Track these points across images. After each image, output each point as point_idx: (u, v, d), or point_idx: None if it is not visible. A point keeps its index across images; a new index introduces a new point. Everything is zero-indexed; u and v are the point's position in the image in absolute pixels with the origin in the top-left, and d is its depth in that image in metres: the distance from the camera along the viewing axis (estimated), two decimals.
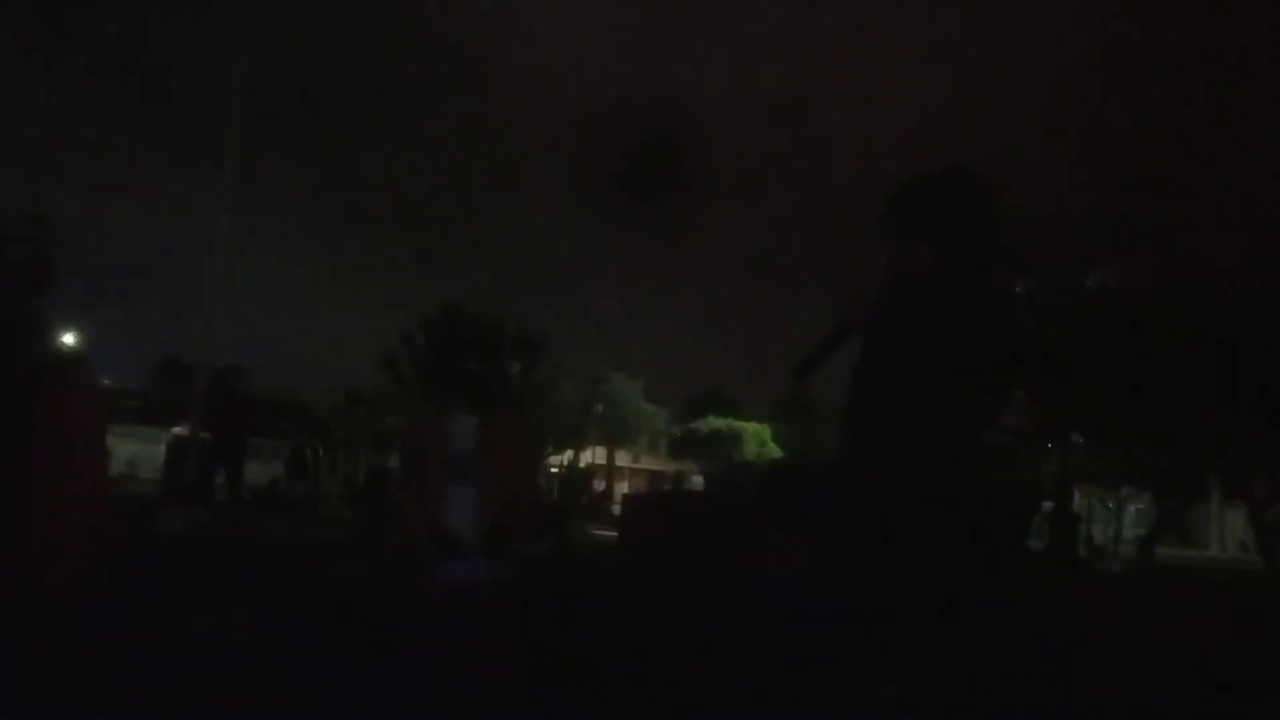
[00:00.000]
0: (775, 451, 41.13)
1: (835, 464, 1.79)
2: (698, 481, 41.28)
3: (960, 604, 1.65)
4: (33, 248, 2.20)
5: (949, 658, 1.65)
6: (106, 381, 43.12)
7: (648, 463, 45.48)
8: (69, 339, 38.96)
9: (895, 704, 1.65)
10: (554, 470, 31.69)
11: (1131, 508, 31.93)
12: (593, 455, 38.63)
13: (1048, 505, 27.76)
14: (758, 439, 41.53)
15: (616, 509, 22.81)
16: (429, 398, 27.97)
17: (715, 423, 41.51)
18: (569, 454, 33.98)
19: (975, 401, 1.66)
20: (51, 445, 1.93)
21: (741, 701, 4.93)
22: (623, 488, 35.37)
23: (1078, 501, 28.12)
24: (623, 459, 42.24)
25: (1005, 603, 1.73)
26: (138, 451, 37.38)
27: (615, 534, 18.26)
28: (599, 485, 33.51)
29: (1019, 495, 1.70)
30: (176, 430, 27.56)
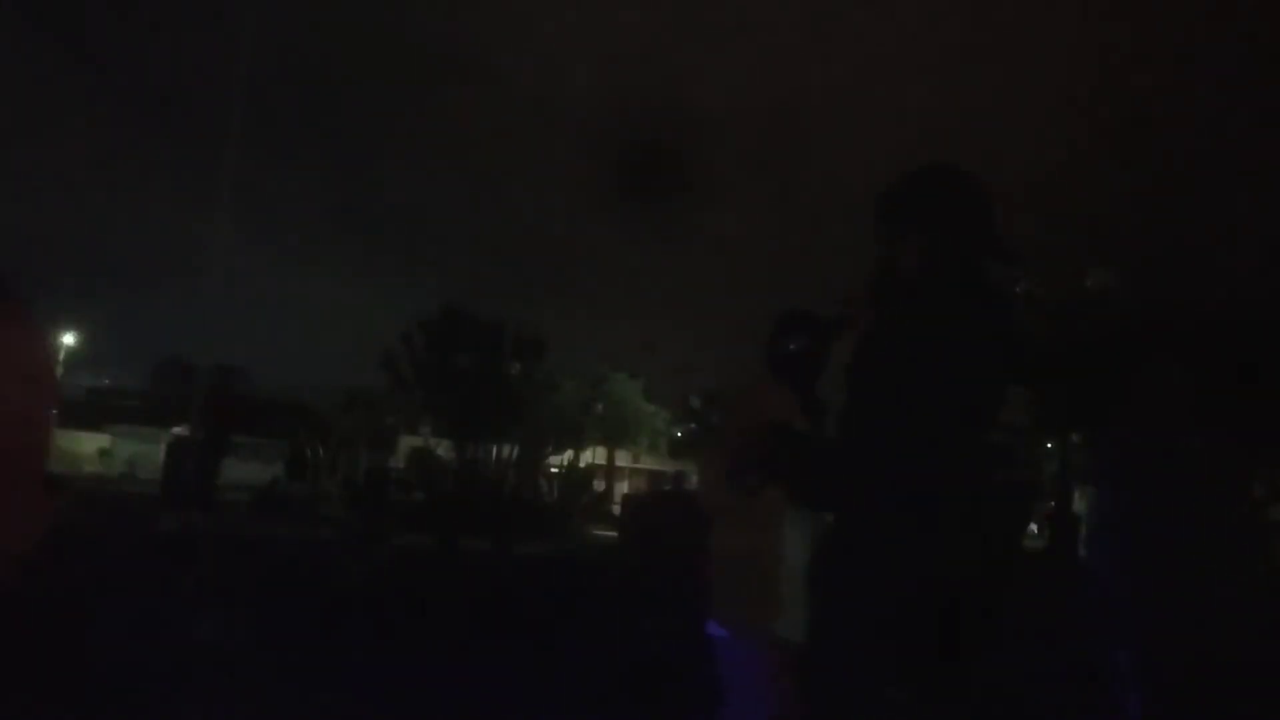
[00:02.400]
0: None
1: (834, 453, 1.75)
2: (698, 482, 41.20)
3: (959, 605, 1.62)
4: None
5: (951, 660, 1.63)
6: (106, 381, 43.12)
7: (648, 463, 45.45)
8: (69, 339, 38.66)
9: (902, 708, 1.62)
10: (554, 470, 31.68)
11: None
12: (593, 455, 38.60)
13: (1049, 505, 27.84)
14: None
15: (616, 509, 22.76)
16: (429, 398, 27.95)
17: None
18: (569, 454, 33.97)
19: (973, 400, 1.62)
20: None
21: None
22: (623, 488, 35.36)
23: (1078, 502, 28.12)
24: (623, 459, 42.19)
25: (1001, 603, 1.70)
26: (138, 451, 37.41)
27: (615, 534, 18.28)
28: (599, 485, 33.51)
29: (1017, 494, 1.68)
30: (176, 430, 27.57)
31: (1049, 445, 24.03)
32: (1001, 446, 1.64)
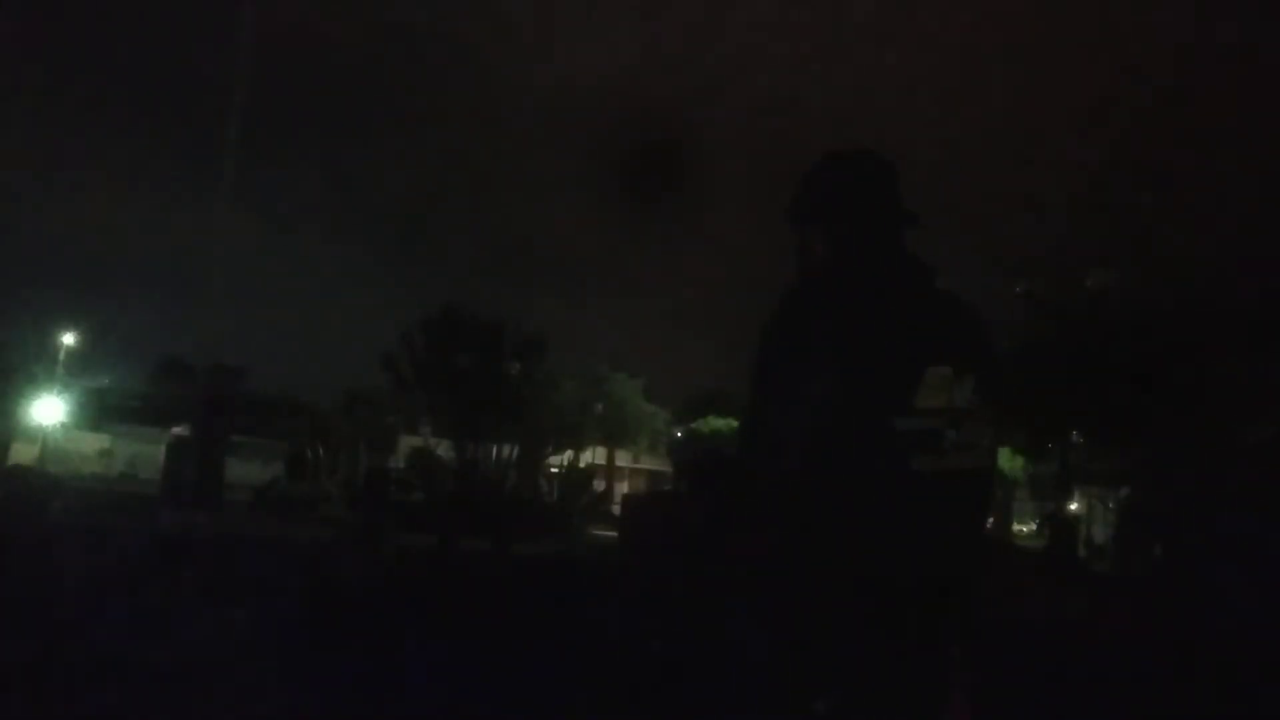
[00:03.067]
0: None
1: (748, 460, 1.73)
2: None
3: (884, 604, 1.57)
4: None
5: (881, 669, 1.58)
6: (106, 381, 43.07)
7: (648, 463, 45.42)
8: (69, 339, 38.55)
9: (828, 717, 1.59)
10: (554, 470, 31.68)
11: None
12: (593, 455, 38.60)
13: (1048, 506, 27.80)
14: None
15: (616, 509, 22.76)
16: (429, 398, 27.94)
17: (715, 423, 41.46)
18: (569, 454, 33.97)
19: (875, 388, 1.58)
20: None
21: (739, 700, 4.93)
22: (623, 488, 35.34)
23: (1078, 501, 28.11)
24: (623, 459, 42.19)
25: (945, 603, 1.63)
26: (137, 451, 37.42)
27: (615, 534, 18.28)
28: (599, 485, 33.51)
29: (949, 483, 1.60)
30: (176, 430, 27.57)
31: (1049, 445, 24.00)
32: (926, 432, 1.56)
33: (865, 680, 1.55)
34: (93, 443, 39.12)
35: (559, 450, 33.55)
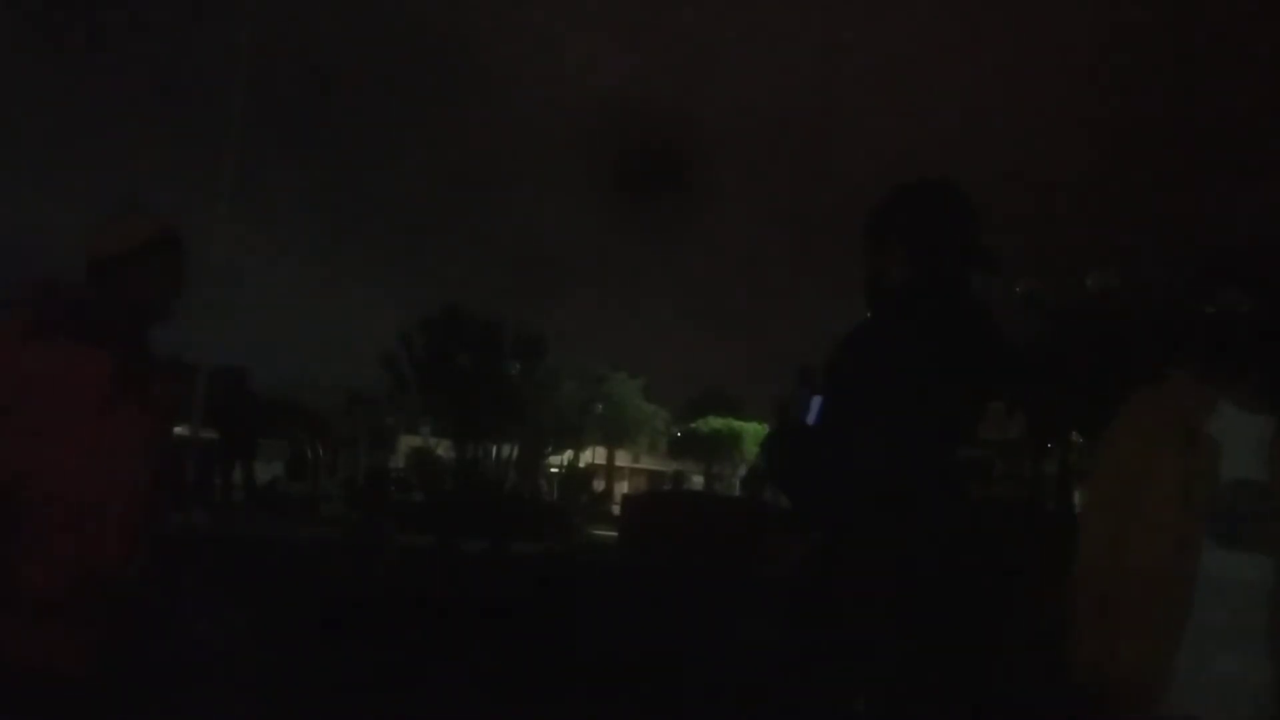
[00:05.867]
0: None
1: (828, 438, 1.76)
2: (698, 482, 41.34)
3: (928, 616, 1.61)
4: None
5: (924, 676, 1.62)
6: None
7: (648, 463, 45.46)
8: None
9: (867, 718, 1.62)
10: (554, 470, 31.72)
11: None
12: (593, 455, 38.62)
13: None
14: (758, 439, 41.53)
15: (616, 509, 22.79)
16: (429, 398, 27.96)
17: (715, 423, 41.48)
18: (569, 454, 33.97)
19: (944, 416, 1.63)
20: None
21: (738, 701, 4.93)
22: (623, 488, 35.38)
23: (1078, 502, 28.11)
24: (623, 459, 42.22)
25: (979, 615, 1.68)
26: None
27: (615, 534, 18.30)
28: (599, 485, 33.56)
29: (994, 511, 1.65)
30: (176, 430, 27.57)
31: (1049, 445, 23.96)
32: (979, 461, 1.63)
33: (901, 685, 1.59)
34: None
35: (559, 450, 33.54)
